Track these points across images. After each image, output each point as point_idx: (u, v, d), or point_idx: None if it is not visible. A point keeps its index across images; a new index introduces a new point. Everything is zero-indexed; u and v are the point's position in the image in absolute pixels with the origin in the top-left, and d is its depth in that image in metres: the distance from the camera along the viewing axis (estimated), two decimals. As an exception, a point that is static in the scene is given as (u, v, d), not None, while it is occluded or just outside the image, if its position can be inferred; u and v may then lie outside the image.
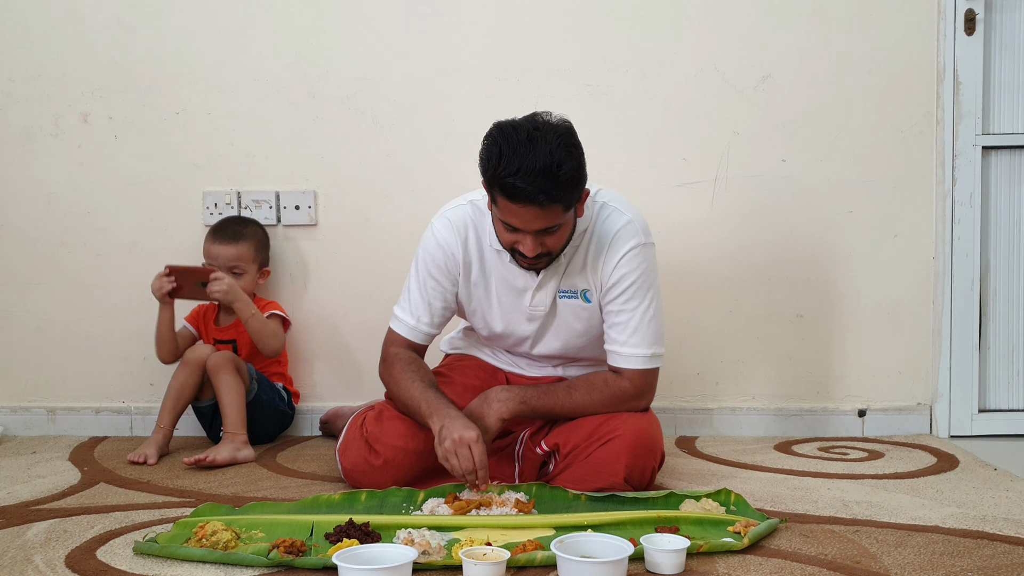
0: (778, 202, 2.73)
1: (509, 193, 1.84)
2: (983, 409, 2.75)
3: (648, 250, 2.08)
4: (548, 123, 1.88)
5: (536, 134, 1.84)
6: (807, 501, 2.04)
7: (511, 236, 1.95)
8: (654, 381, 2.12)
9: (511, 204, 1.86)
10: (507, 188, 1.84)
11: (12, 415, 2.81)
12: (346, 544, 1.62)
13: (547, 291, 2.10)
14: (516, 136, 1.84)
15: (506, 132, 1.86)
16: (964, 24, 2.67)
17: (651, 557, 1.59)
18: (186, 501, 2.05)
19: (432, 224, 2.15)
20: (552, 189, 1.83)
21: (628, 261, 2.05)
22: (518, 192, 1.83)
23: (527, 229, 1.90)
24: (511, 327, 2.16)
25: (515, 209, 1.87)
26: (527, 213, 1.87)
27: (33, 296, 2.81)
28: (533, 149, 1.82)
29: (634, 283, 2.05)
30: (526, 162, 1.81)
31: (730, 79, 2.71)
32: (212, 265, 2.59)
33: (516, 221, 1.90)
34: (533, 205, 1.84)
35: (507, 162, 1.82)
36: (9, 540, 1.76)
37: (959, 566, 1.61)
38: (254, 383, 2.56)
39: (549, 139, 1.84)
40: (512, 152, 1.82)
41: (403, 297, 2.18)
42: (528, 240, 1.92)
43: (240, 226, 2.63)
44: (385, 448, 2.08)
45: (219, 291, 2.48)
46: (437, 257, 2.12)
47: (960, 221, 2.70)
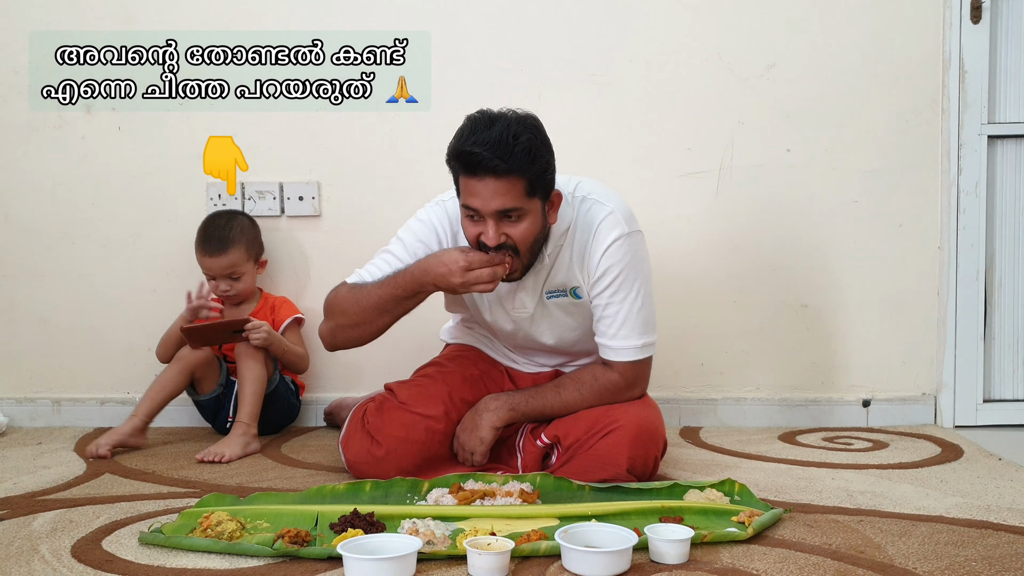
0: (783, 192, 2.73)
1: (467, 163, 1.87)
2: (988, 399, 2.74)
3: (632, 239, 2.05)
4: (514, 111, 1.92)
5: (498, 117, 1.89)
6: (811, 491, 2.04)
7: (475, 228, 1.94)
8: (646, 370, 2.12)
9: (470, 179, 1.88)
10: (464, 158, 1.87)
11: (17, 406, 2.82)
12: (351, 534, 1.62)
13: (529, 292, 2.09)
14: (479, 119, 1.90)
15: (471, 116, 1.92)
16: (970, 12, 2.65)
17: (655, 547, 1.59)
18: (191, 491, 2.05)
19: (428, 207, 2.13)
20: (507, 155, 1.84)
21: (612, 253, 2.03)
22: (474, 160, 1.85)
23: (486, 209, 1.89)
24: (498, 324, 2.18)
25: (474, 185, 1.88)
26: (485, 187, 1.87)
27: (38, 287, 2.81)
28: (492, 126, 1.87)
29: (619, 275, 2.04)
30: (484, 134, 1.85)
31: (735, 68, 2.70)
32: (208, 274, 2.58)
33: (476, 201, 1.89)
34: (490, 175, 1.85)
35: (467, 136, 1.87)
36: (15, 530, 1.77)
37: (963, 556, 1.61)
38: (276, 374, 2.57)
39: (509, 119, 1.89)
40: (473, 128, 1.88)
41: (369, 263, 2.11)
42: (490, 226, 1.90)
43: (225, 230, 2.58)
44: (387, 439, 2.09)
45: (259, 339, 2.45)
46: (420, 234, 2.09)
47: (965, 211, 2.69)
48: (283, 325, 2.63)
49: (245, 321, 2.47)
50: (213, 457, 2.31)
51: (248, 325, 2.46)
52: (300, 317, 2.69)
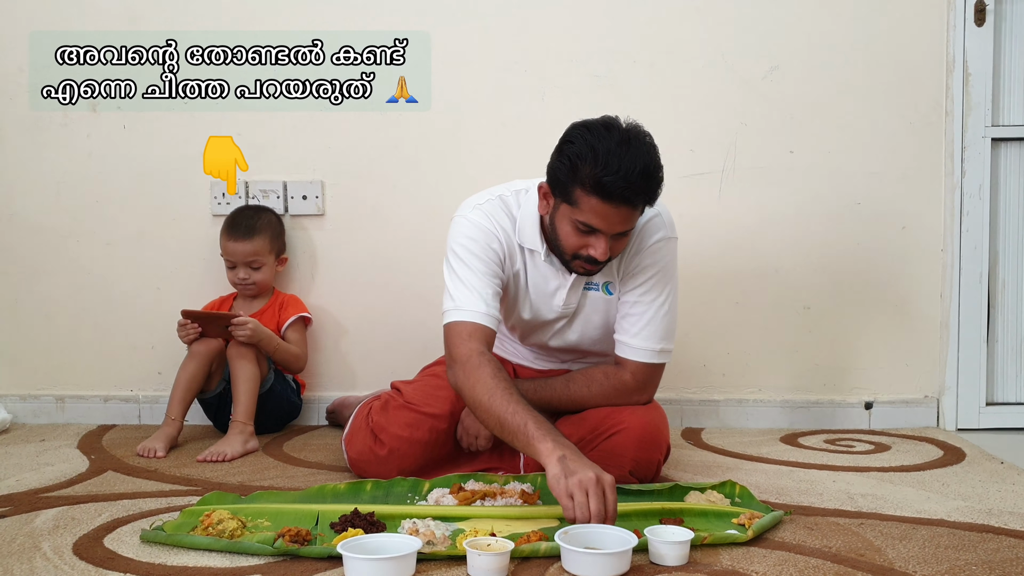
0: (785, 194, 2.73)
1: (605, 192, 1.80)
2: (991, 402, 2.74)
3: (672, 244, 2.07)
4: (636, 127, 1.86)
5: (630, 136, 1.82)
6: (812, 493, 2.04)
7: (580, 240, 1.89)
8: (658, 376, 2.11)
9: (603, 204, 1.82)
10: (604, 187, 1.79)
11: (21, 403, 2.82)
12: (351, 534, 1.62)
13: (577, 289, 2.08)
14: (610, 137, 1.81)
15: (598, 133, 1.82)
16: (974, 15, 2.65)
17: (655, 549, 1.59)
18: (193, 490, 2.06)
19: (465, 216, 2.04)
20: (649, 191, 1.83)
21: (653, 252, 2.03)
22: (616, 192, 1.79)
23: (609, 231, 1.86)
24: (538, 320, 2.13)
25: (605, 210, 1.82)
26: (617, 215, 1.83)
27: (42, 285, 2.82)
28: (631, 150, 1.79)
29: (655, 275, 2.04)
30: (626, 162, 1.78)
31: (738, 70, 2.70)
32: (230, 260, 2.61)
33: (600, 222, 1.84)
34: (626, 206, 1.82)
35: (605, 161, 1.78)
36: (17, 527, 1.78)
37: (964, 559, 1.61)
38: (271, 373, 2.57)
39: (645, 142, 1.83)
40: (609, 152, 1.79)
41: (454, 291, 1.98)
42: (602, 243, 1.87)
43: (253, 219, 2.63)
44: (390, 438, 2.09)
45: (244, 335, 2.47)
46: (480, 242, 2.01)
47: (969, 213, 2.69)
48: (287, 324, 2.64)
49: (234, 316, 2.48)
50: (215, 457, 2.32)
51: (234, 320, 2.47)
52: (306, 316, 2.69)
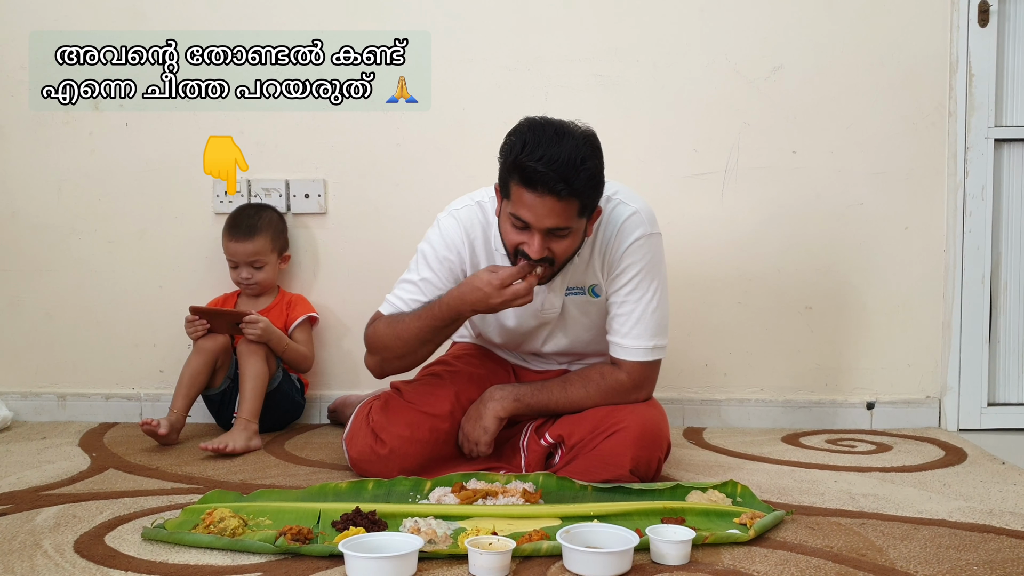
0: (788, 194, 2.73)
1: (528, 178, 1.84)
2: (992, 403, 2.74)
3: (654, 240, 2.07)
4: (576, 126, 1.90)
5: (564, 131, 1.86)
6: (814, 493, 2.04)
7: (518, 236, 1.93)
8: (654, 373, 2.12)
9: (528, 193, 1.85)
10: (527, 172, 1.83)
11: (22, 401, 2.83)
12: (353, 532, 1.62)
13: (557, 292, 2.09)
14: (544, 129, 1.86)
15: (535, 124, 1.89)
16: (977, 16, 2.65)
17: (656, 548, 1.59)
18: (194, 488, 2.06)
19: (439, 221, 2.12)
20: (572, 180, 1.83)
21: (634, 251, 2.04)
22: (538, 177, 1.82)
23: (538, 225, 1.88)
24: (522, 328, 2.16)
25: (531, 200, 1.85)
26: (542, 205, 1.85)
27: (44, 282, 2.82)
28: (560, 141, 1.84)
29: (638, 273, 2.05)
30: (551, 151, 1.82)
31: (741, 70, 2.70)
32: (232, 260, 2.62)
33: (528, 215, 1.87)
34: (551, 195, 1.84)
35: (531, 148, 1.83)
36: (18, 525, 1.78)
37: (965, 560, 1.61)
38: (279, 371, 2.58)
39: (576, 136, 1.87)
40: (537, 141, 1.84)
41: (399, 286, 2.13)
42: (536, 239, 1.89)
43: (255, 218, 2.63)
44: (391, 437, 2.09)
45: (255, 334, 2.48)
46: (441, 254, 2.09)
47: (971, 214, 2.69)
48: (295, 323, 2.64)
49: (245, 314, 2.48)
50: (219, 445, 2.32)
51: (246, 318, 2.47)
52: (314, 316, 2.70)
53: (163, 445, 2.44)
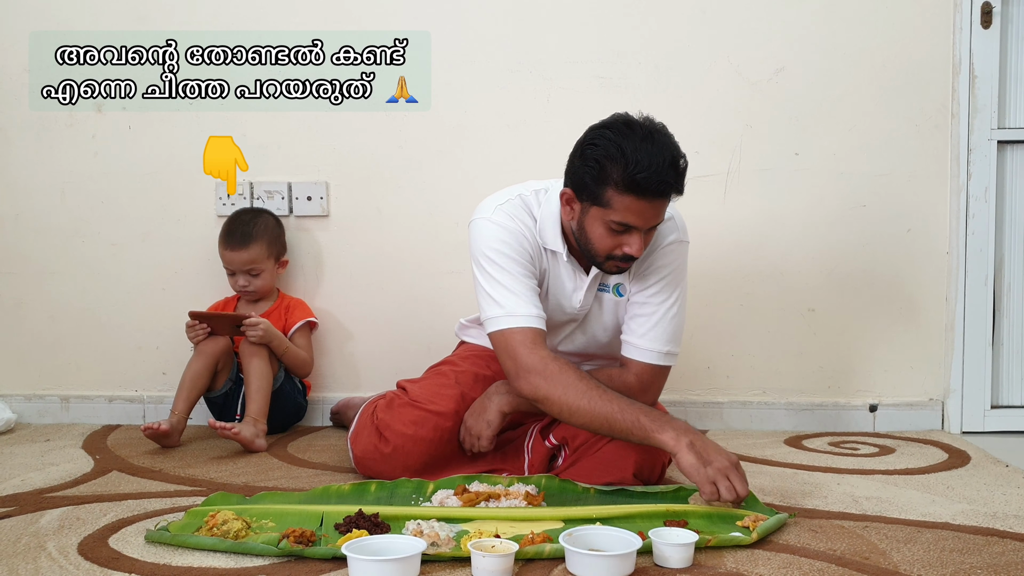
0: (790, 196, 2.72)
1: (640, 189, 1.82)
2: (996, 405, 2.73)
3: (684, 248, 2.08)
4: (651, 120, 1.90)
5: (651, 130, 1.86)
6: (817, 496, 2.03)
7: (615, 240, 1.90)
8: (662, 379, 2.11)
9: (638, 202, 1.84)
10: (638, 184, 1.81)
11: (26, 403, 2.83)
12: (355, 535, 1.62)
13: (592, 291, 2.09)
14: (634, 134, 1.85)
15: (620, 131, 1.86)
16: (980, 17, 2.65)
17: (659, 551, 1.59)
18: (197, 490, 2.06)
19: (489, 218, 2.03)
20: (678, 181, 1.85)
21: (666, 254, 2.04)
22: (650, 188, 1.82)
23: (645, 226, 1.88)
24: (551, 323, 2.11)
25: (640, 207, 1.84)
26: (651, 209, 1.86)
27: (47, 285, 2.83)
28: (655, 144, 1.83)
29: (665, 277, 2.05)
30: (655, 158, 1.81)
31: (744, 72, 2.70)
32: (228, 268, 2.62)
33: (636, 219, 1.86)
34: (660, 199, 1.85)
35: (635, 159, 1.81)
36: (22, 527, 1.78)
37: (968, 563, 1.61)
38: (281, 371, 2.58)
39: (665, 133, 1.87)
40: (636, 149, 1.82)
41: (499, 297, 1.97)
42: (637, 240, 1.88)
43: (249, 226, 2.62)
44: (394, 435, 2.09)
45: (256, 336, 2.49)
46: (512, 243, 2.01)
47: (974, 216, 2.68)
48: (293, 328, 2.64)
49: (245, 317, 2.49)
50: (229, 427, 2.34)
51: (247, 321, 2.48)
52: (313, 321, 2.70)
53: (165, 447, 2.45)
